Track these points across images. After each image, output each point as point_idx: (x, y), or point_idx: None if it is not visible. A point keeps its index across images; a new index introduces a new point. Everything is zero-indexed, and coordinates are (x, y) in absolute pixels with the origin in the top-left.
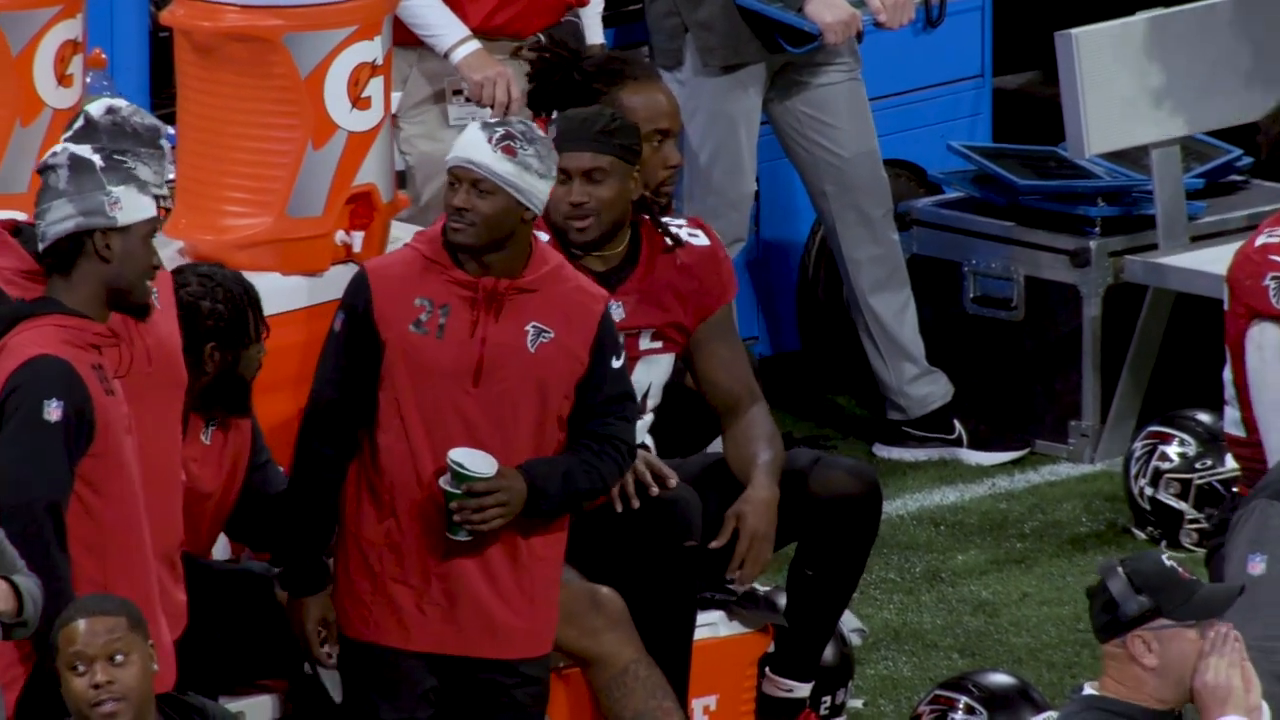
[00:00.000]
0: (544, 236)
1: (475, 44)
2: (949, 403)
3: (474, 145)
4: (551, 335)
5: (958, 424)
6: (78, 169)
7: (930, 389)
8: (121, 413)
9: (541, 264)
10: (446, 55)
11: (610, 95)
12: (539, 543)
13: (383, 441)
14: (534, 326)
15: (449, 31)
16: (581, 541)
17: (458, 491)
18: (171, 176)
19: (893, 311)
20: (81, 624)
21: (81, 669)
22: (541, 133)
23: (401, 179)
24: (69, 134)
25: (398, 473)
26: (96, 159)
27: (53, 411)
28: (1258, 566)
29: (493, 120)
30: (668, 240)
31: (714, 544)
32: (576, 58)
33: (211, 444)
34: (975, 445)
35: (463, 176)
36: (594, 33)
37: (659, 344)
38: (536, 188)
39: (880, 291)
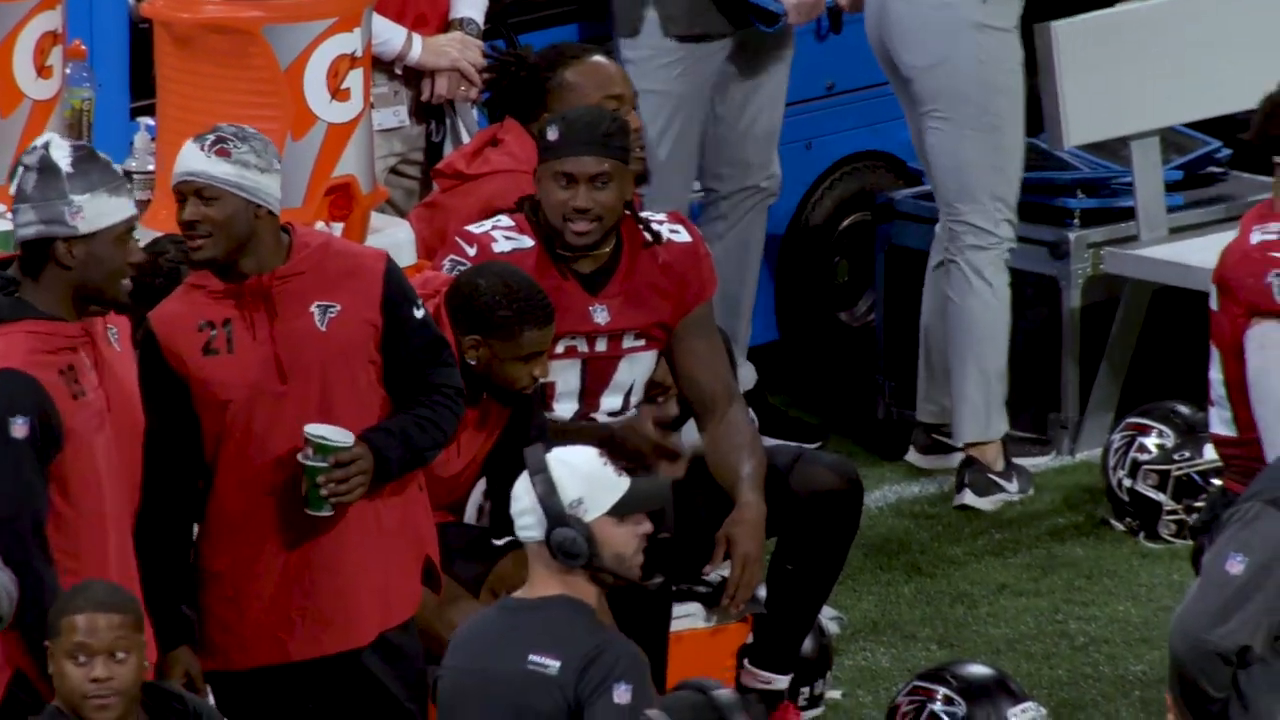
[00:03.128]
0: (528, 242)
1: (419, 40)
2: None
3: (189, 157)
4: (338, 308)
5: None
6: (44, 173)
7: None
8: (92, 412)
9: (304, 248)
10: (397, 59)
11: (556, 77)
12: (394, 504)
13: (221, 469)
14: (318, 306)
15: (392, 35)
16: None
17: (324, 464)
18: (151, 168)
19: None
20: (88, 617)
21: (82, 660)
22: (254, 130)
23: None
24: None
25: (244, 493)
26: (65, 165)
27: (18, 429)
28: (1236, 567)
29: (205, 133)
30: (647, 236)
31: (707, 568)
32: (518, 58)
33: None
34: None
35: (186, 190)
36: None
37: (642, 342)
38: (261, 183)
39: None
